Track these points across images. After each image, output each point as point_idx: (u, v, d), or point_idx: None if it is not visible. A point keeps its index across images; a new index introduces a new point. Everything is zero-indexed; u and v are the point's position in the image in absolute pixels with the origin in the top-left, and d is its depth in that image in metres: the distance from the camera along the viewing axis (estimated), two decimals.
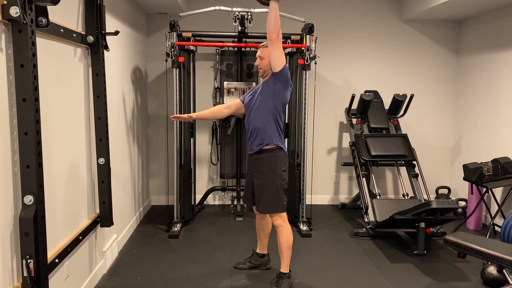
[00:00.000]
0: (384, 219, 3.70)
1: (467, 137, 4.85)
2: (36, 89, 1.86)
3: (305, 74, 4.05)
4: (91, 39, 2.65)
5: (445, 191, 4.69)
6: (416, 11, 4.54)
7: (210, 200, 5.05)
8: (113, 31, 2.83)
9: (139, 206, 4.38)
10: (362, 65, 4.99)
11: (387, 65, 5.01)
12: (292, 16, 3.96)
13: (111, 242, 3.30)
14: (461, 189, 4.79)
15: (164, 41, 4.04)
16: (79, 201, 2.66)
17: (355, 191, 5.08)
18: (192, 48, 4.27)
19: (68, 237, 2.48)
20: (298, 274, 3.15)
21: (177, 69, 4.02)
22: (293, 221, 4.17)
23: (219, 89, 4.69)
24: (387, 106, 4.70)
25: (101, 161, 2.80)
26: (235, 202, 4.72)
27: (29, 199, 1.86)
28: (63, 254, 2.36)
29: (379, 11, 4.92)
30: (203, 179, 5.03)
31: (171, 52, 3.90)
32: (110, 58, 3.22)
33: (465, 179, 4.04)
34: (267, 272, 3.20)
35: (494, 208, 4.17)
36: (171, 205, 4.20)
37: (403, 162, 4.41)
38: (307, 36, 3.99)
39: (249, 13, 3.91)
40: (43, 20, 1.92)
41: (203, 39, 4.31)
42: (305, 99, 4.06)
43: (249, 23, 3.98)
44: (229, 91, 4.50)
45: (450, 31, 5.00)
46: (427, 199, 4.23)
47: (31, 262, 1.87)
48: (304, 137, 4.11)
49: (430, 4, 4.20)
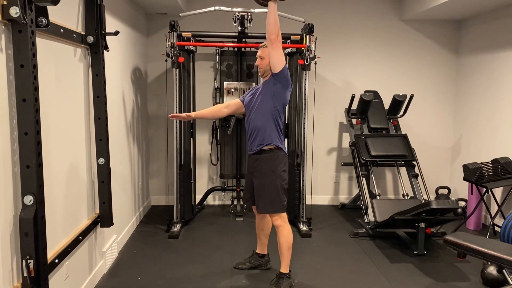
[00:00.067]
0: (384, 219, 3.70)
1: (467, 137, 4.85)
2: (36, 89, 1.86)
3: (305, 74, 4.05)
4: (91, 39, 2.65)
5: (445, 191, 4.69)
6: (416, 11, 4.54)
7: (210, 200, 5.05)
8: (113, 31, 2.83)
9: (139, 206, 4.38)
10: (362, 65, 4.99)
11: (387, 65, 5.01)
12: (292, 16, 3.96)
13: (111, 242, 3.30)
14: (461, 189, 4.79)
15: (164, 41, 4.05)
16: (79, 201, 2.66)
17: (355, 191, 5.08)
18: (192, 48, 4.27)
19: (68, 237, 2.48)
20: (298, 274, 3.15)
21: (177, 69, 4.02)
22: (293, 221, 4.18)
23: (219, 89, 4.69)
24: (387, 106, 4.70)
25: (101, 161, 2.80)
26: (235, 202, 4.71)
27: (29, 199, 1.86)
28: (63, 254, 2.36)
29: (379, 11, 4.92)
30: (203, 179, 5.03)
31: (171, 52, 3.90)
32: (110, 58, 3.22)
33: (465, 179, 4.04)
34: (267, 272, 3.20)
35: (494, 208, 4.17)
36: (171, 205, 4.20)
37: (403, 162, 4.41)
38: (307, 36, 3.99)
39: (249, 13, 3.92)
40: (43, 20, 1.93)
41: (203, 39, 4.32)
42: (305, 99, 4.06)
43: (249, 23, 3.98)
44: (229, 91, 4.50)
45: (450, 31, 5.00)
46: (427, 199, 4.23)
47: (31, 262, 1.87)
48: (304, 137, 4.11)
49: (430, 4, 4.20)
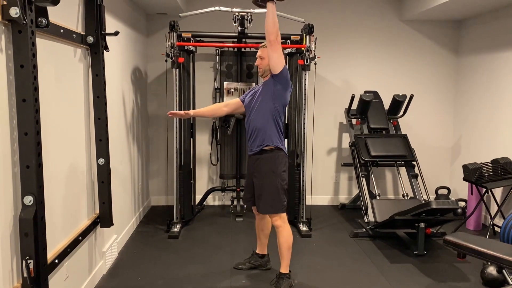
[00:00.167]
0: (384, 219, 3.70)
1: (467, 137, 4.85)
2: (36, 89, 1.86)
3: (305, 74, 4.05)
4: (91, 39, 2.65)
5: (445, 192, 4.69)
6: (416, 11, 4.54)
7: (210, 200, 5.05)
8: (113, 32, 2.83)
9: (139, 206, 4.38)
10: (362, 66, 4.99)
11: (387, 66, 5.01)
12: (291, 16, 3.96)
13: (111, 242, 3.30)
14: (461, 190, 4.79)
15: (164, 42, 4.04)
16: (79, 202, 2.66)
17: (355, 192, 5.08)
18: (192, 48, 4.28)
19: (68, 238, 2.48)
20: (298, 274, 3.15)
21: (177, 70, 4.02)
22: (293, 222, 4.18)
23: (219, 90, 4.69)
24: (386, 106, 4.70)
25: (101, 161, 2.80)
26: (235, 202, 4.71)
27: (29, 200, 1.86)
28: (63, 254, 2.36)
29: (379, 11, 4.92)
30: (203, 179, 5.03)
31: (171, 52, 3.90)
32: (110, 58, 3.22)
33: (464, 179, 4.04)
34: (267, 272, 3.20)
35: (493, 208, 4.17)
36: (171, 205, 4.19)
37: (402, 162, 4.41)
38: (307, 36, 3.99)
39: (249, 14, 3.92)
40: (43, 20, 1.93)
41: (203, 39, 4.32)
42: (304, 99, 4.06)
43: (249, 23, 3.99)
44: (229, 92, 4.50)
45: (450, 31, 5.00)
46: (427, 199, 4.23)
47: (31, 262, 1.87)
48: (304, 138, 4.11)
49: (430, 4, 4.20)
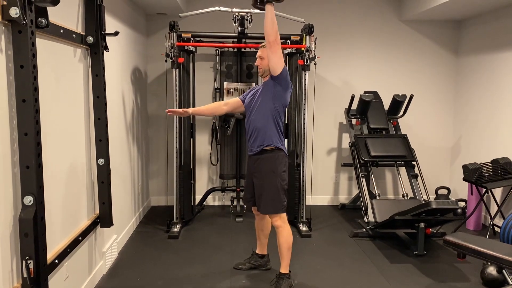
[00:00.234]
0: (383, 219, 3.70)
1: (467, 137, 4.85)
2: (36, 89, 1.86)
3: (305, 74, 4.05)
4: (91, 39, 2.65)
5: (445, 192, 4.69)
6: (415, 11, 4.54)
7: (209, 200, 5.05)
8: (113, 32, 2.83)
9: (139, 206, 4.38)
10: (361, 66, 4.99)
11: (386, 66, 5.01)
12: (291, 16, 3.96)
13: (111, 242, 3.30)
14: (461, 190, 4.80)
15: (163, 42, 4.05)
16: (78, 202, 2.66)
17: (355, 192, 5.08)
18: (191, 48, 4.28)
19: (67, 238, 2.48)
20: (297, 274, 3.15)
21: (177, 70, 4.02)
22: (293, 222, 4.18)
23: (218, 90, 4.69)
24: (386, 106, 4.70)
25: (101, 161, 2.80)
26: (235, 202, 4.72)
27: (28, 200, 1.86)
28: (63, 254, 2.36)
29: (378, 11, 4.93)
30: (203, 179, 5.03)
31: (171, 52, 3.90)
32: (110, 58, 3.22)
33: (464, 179, 4.04)
34: (266, 272, 3.20)
35: (493, 208, 4.17)
36: (170, 205, 4.19)
37: (402, 162, 4.41)
38: (307, 36, 3.99)
39: (248, 14, 3.92)
40: (43, 20, 1.93)
41: (202, 39, 4.32)
42: (304, 99, 4.06)
43: (249, 23, 3.99)
44: (228, 92, 4.50)
45: (449, 32, 5.00)
46: (427, 199, 4.23)
47: (30, 262, 1.87)
48: (303, 138, 4.11)
49: (429, 4, 4.20)
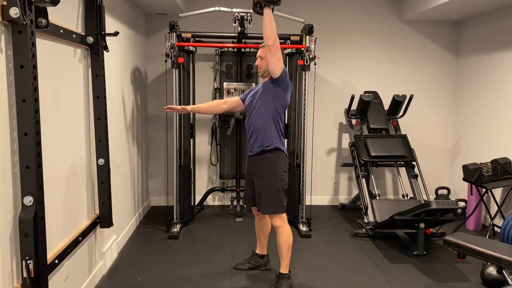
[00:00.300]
0: (383, 219, 3.70)
1: (467, 137, 4.85)
2: (35, 90, 1.86)
3: (305, 74, 4.05)
4: (90, 40, 2.65)
5: (445, 192, 4.69)
6: (415, 11, 4.54)
7: (209, 200, 5.05)
8: (113, 32, 2.83)
9: (139, 206, 4.38)
10: (361, 66, 4.99)
11: (386, 66, 5.01)
12: (291, 16, 3.96)
13: (111, 243, 3.29)
14: (461, 190, 4.80)
15: (163, 42, 4.05)
16: (78, 202, 2.66)
17: (355, 192, 5.08)
18: (191, 48, 4.28)
19: (67, 238, 2.48)
20: (297, 274, 3.15)
21: (177, 70, 4.02)
22: (293, 222, 4.18)
23: (218, 90, 4.69)
24: (386, 106, 4.70)
25: (101, 161, 2.80)
26: (235, 202, 4.71)
27: (28, 200, 1.86)
28: (63, 255, 2.36)
29: (378, 11, 4.93)
30: (203, 179, 5.03)
31: (171, 52, 3.90)
32: (109, 59, 3.21)
33: (464, 179, 4.04)
34: (266, 272, 3.20)
35: (493, 208, 4.17)
36: (170, 205, 4.19)
37: (402, 162, 4.41)
38: (307, 36, 3.99)
39: (248, 14, 3.91)
40: (43, 21, 1.93)
41: (202, 39, 4.32)
42: (304, 99, 4.06)
43: (249, 23, 3.98)
44: (228, 92, 4.50)
45: (449, 32, 5.00)
46: (427, 199, 4.23)
47: (30, 263, 1.87)
48: (303, 138, 4.11)
49: (429, 4, 4.20)
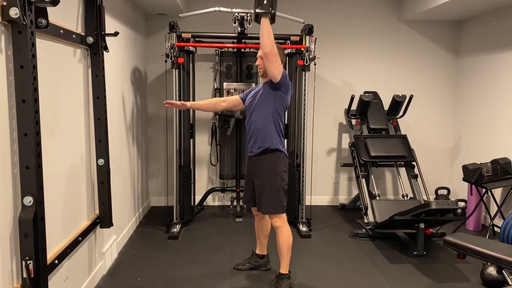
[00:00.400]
0: (383, 220, 3.70)
1: (467, 137, 4.85)
2: (35, 90, 1.86)
3: (305, 75, 4.05)
4: (90, 40, 2.65)
5: (445, 192, 4.69)
6: (415, 12, 4.54)
7: (209, 201, 5.05)
8: (113, 32, 2.83)
9: (139, 207, 4.38)
10: (361, 66, 4.99)
11: (386, 66, 5.01)
12: (291, 17, 3.96)
13: (111, 243, 3.29)
14: (461, 190, 4.80)
15: (163, 42, 4.05)
16: (78, 202, 2.66)
17: (355, 192, 5.08)
18: (191, 49, 4.28)
19: (67, 238, 2.48)
20: (297, 275, 3.15)
21: (177, 70, 4.02)
22: (293, 222, 4.18)
23: (218, 90, 4.69)
24: (386, 107, 4.70)
25: (101, 162, 2.80)
26: (235, 203, 4.71)
27: (28, 200, 1.86)
28: (63, 255, 2.36)
29: (378, 12, 4.93)
30: (203, 180, 5.03)
31: (171, 53, 3.90)
32: (109, 59, 3.22)
33: (464, 179, 4.04)
34: (266, 273, 3.20)
35: (493, 208, 4.17)
36: (170, 206, 4.19)
37: (402, 163, 4.40)
38: (307, 37, 3.99)
39: (248, 14, 3.91)
40: (43, 21, 1.93)
41: (202, 40, 4.32)
42: (304, 100, 4.06)
43: (249, 24, 3.98)
44: (228, 92, 4.50)
45: (449, 32, 5.00)
46: (427, 200, 4.23)
47: (30, 263, 1.87)
48: (303, 138, 4.11)
49: (429, 4, 4.20)
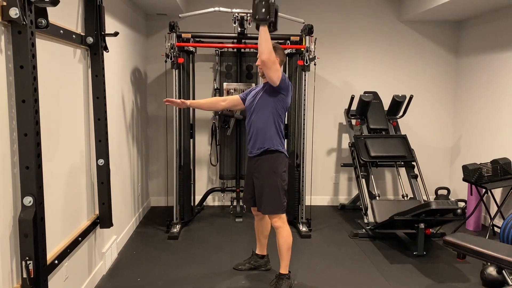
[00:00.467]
0: (383, 220, 3.70)
1: (467, 137, 4.85)
2: (35, 90, 1.86)
3: (305, 75, 4.05)
4: (90, 40, 2.65)
5: (445, 192, 4.70)
6: (415, 12, 4.54)
7: (209, 201, 5.05)
8: (113, 32, 2.83)
9: (139, 207, 4.38)
10: (361, 66, 4.99)
11: (386, 66, 5.01)
12: (291, 17, 3.96)
13: (111, 243, 3.29)
14: (461, 190, 4.80)
15: (163, 42, 4.04)
16: (78, 202, 2.66)
17: (355, 192, 5.08)
18: (191, 49, 4.28)
19: (67, 238, 2.48)
20: (297, 275, 3.15)
21: (177, 70, 4.02)
22: (293, 222, 4.18)
23: (218, 90, 4.69)
24: (386, 107, 4.70)
25: (101, 162, 2.80)
26: (235, 203, 4.71)
27: (28, 200, 1.86)
28: (63, 255, 2.36)
29: (378, 12, 4.93)
30: (203, 180, 5.03)
31: (171, 53, 3.90)
32: (109, 59, 3.21)
33: (464, 180, 4.04)
34: (266, 273, 3.20)
35: (493, 209, 4.17)
36: (170, 206, 4.19)
37: (402, 163, 4.40)
38: (307, 37, 3.99)
39: (248, 14, 3.91)
40: (43, 21, 1.93)
41: (202, 40, 4.32)
42: (304, 100, 4.06)
43: (249, 24, 3.98)
44: (228, 92, 4.50)
45: (449, 32, 5.00)
46: (427, 200, 4.23)
47: (30, 263, 1.87)
48: (303, 138, 4.11)
49: (429, 5, 4.20)
